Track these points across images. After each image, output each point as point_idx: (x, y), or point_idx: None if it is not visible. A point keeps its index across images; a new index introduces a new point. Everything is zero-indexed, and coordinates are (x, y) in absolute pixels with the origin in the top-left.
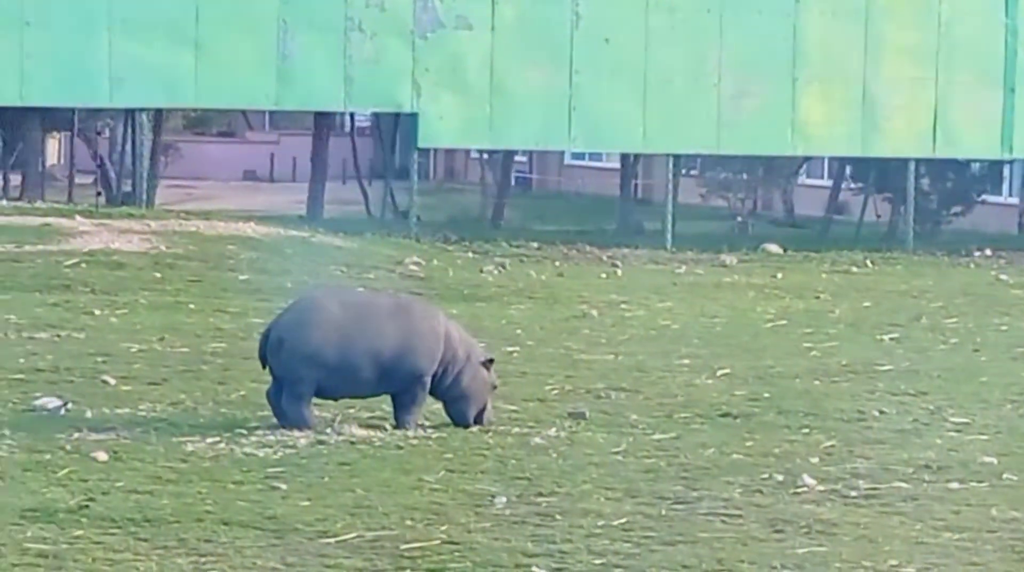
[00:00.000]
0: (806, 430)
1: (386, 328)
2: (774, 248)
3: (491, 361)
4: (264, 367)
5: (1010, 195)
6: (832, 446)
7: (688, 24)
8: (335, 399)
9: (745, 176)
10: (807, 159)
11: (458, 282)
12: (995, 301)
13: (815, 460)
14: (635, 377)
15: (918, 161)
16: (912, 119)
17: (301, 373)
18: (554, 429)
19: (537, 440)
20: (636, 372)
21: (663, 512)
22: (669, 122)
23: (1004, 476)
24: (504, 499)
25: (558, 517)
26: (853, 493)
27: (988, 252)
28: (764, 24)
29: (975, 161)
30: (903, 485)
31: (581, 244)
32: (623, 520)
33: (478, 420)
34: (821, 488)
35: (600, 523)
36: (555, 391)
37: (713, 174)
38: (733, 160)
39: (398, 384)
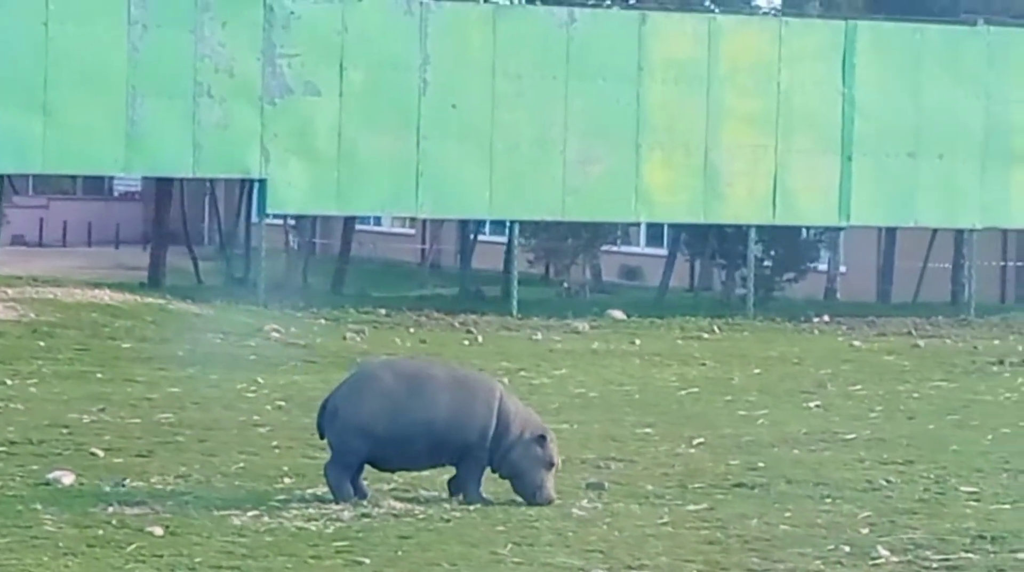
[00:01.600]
0: (829, 500)
1: (439, 400)
2: (618, 314)
3: (543, 437)
4: (322, 438)
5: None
6: (869, 516)
7: (534, 90)
8: (392, 471)
9: (570, 241)
10: (629, 226)
11: (337, 350)
12: (876, 367)
13: (865, 531)
14: (616, 446)
15: (758, 228)
16: (752, 186)
17: (351, 443)
18: (586, 500)
19: (577, 512)
20: (612, 441)
21: None
22: (515, 188)
23: None
24: None
25: None
26: (935, 564)
27: (827, 318)
28: (608, 91)
29: (812, 228)
30: (973, 556)
31: (428, 310)
32: None
33: (535, 497)
34: (895, 559)
35: None
36: None
37: (540, 241)
38: (558, 226)
39: (451, 457)
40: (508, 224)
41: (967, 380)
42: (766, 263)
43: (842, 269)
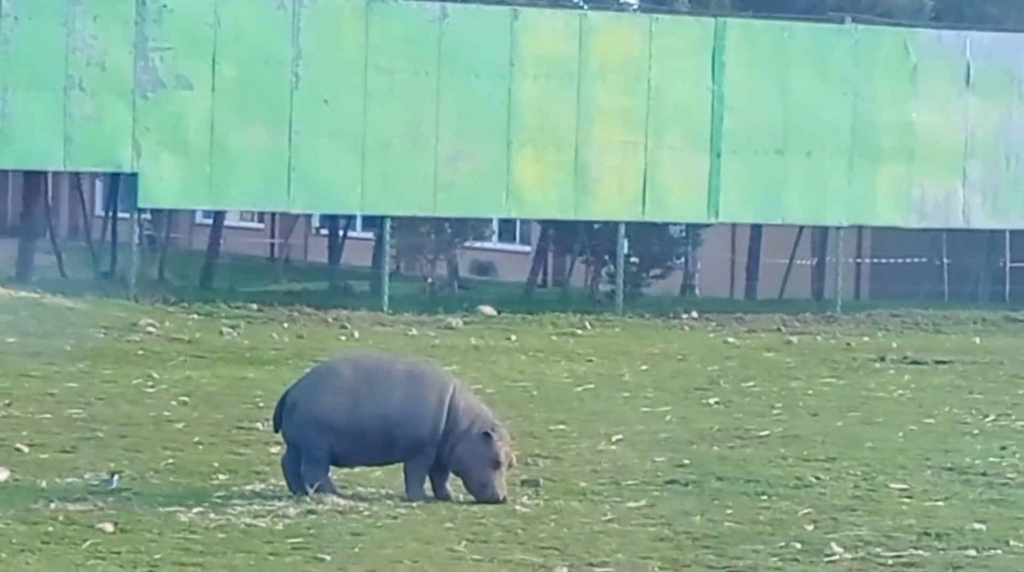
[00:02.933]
0: (765, 496)
1: (393, 394)
2: (489, 310)
3: (487, 435)
4: (276, 431)
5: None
6: (810, 513)
7: (406, 86)
8: (351, 467)
9: (434, 237)
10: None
11: (222, 345)
12: (761, 364)
13: (810, 528)
14: (537, 443)
15: (627, 224)
16: (622, 183)
17: (313, 437)
18: (525, 497)
19: (520, 508)
20: (531, 438)
21: None
22: (387, 183)
23: (1011, 543)
24: (565, 569)
25: None
26: (889, 561)
27: (695, 314)
28: (480, 87)
29: (681, 225)
30: (924, 553)
31: (299, 305)
32: None
33: (484, 495)
34: (849, 556)
35: None
36: None
37: (407, 237)
38: (423, 221)
39: (403, 452)
40: (379, 220)
41: (855, 377)
42: (633, 259)
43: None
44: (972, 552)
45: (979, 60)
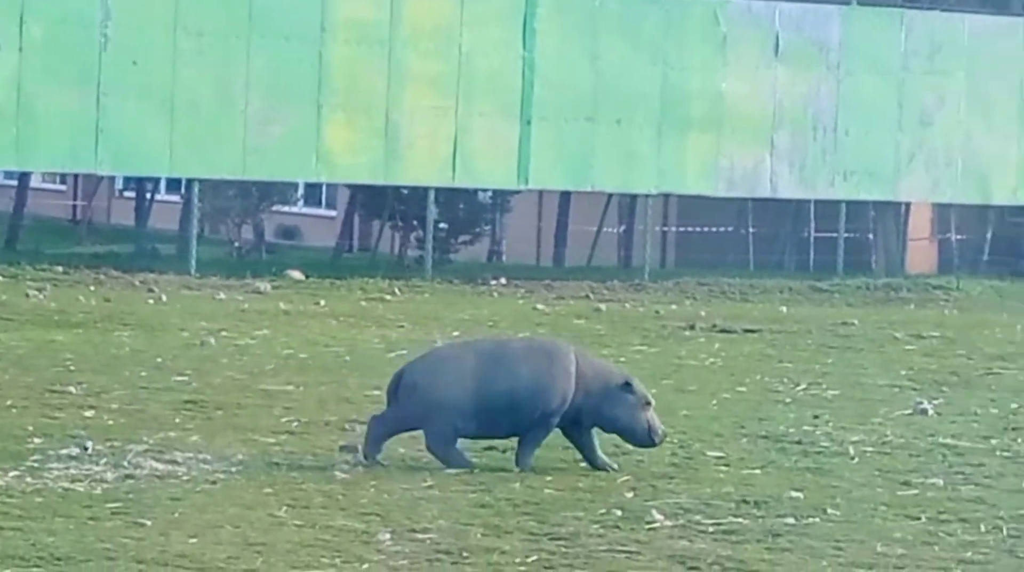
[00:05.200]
0: (584, 464)
1: (519, 372)
2: (297, 274)
3: (628, 384)
4: (388, 404)
5: None
6: (629, 481)
7: (216, 48)
8: (473, 438)
9: (240, 201)
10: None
11: (30, 307)
12: (571, 331)
13: (630, 495)
14: (353, 409)
15: (437, 190)
16: (433, 148)
17: (440, 419)
18: (344, 463)
19: (340, 474)
20: (347, 403)
21: (564, 549)
22: (197, 146)
23: (828, 511)
24: (388, 535)
25: (465, 555)
26: (709, 528)
27: (503, 281)
28: (290, 50)
29: (490, 191)
30: (743, 520)
31: (106, 268)
32: (533, 558)
33: (651, 439)
34: (670, 523)
35: (507, 560)
36: (294, 423)
37: (213, 200)
38: (229, 185)
39: (529, 425)
40: (185, 182)
41: (665, 345)
42: (442, 225)
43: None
44: (791, 520)
45: (788, 31)
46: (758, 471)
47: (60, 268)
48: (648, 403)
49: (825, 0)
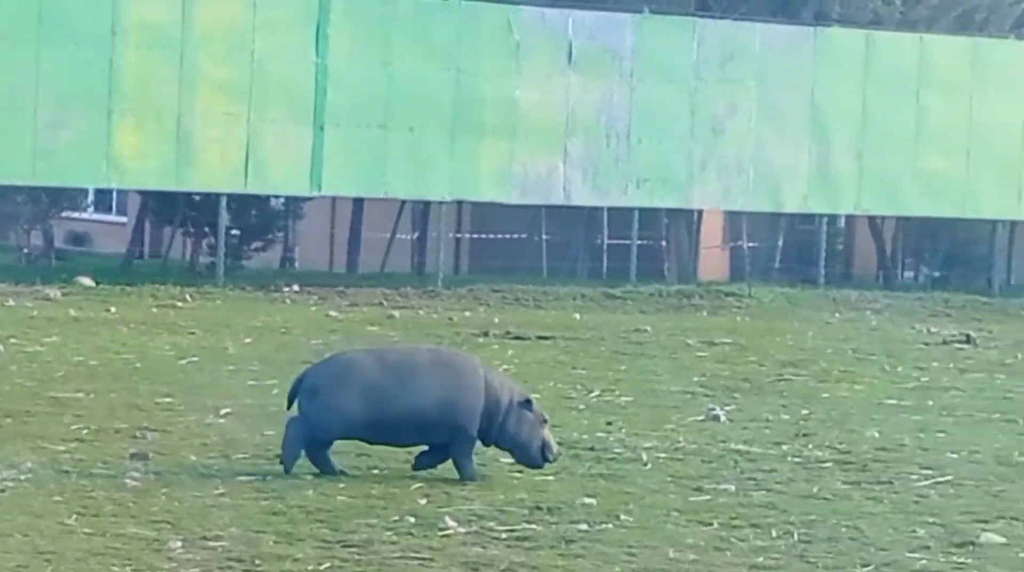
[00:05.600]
0: (377, 471)
1: (424, 384)
2: (87, 281)
3: (529, 401)
4: (288, 408)
5: None
6: (422, 488)
7: (4, 53)
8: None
9: (30, 207)
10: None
11: None
12: (365, 337)
13: (423, 502)
14: (144, 416)
15: (229, 196)
16: (225, 154)
17: (329, 424)
18: (135, 471)
19: (130, 482)
20: (137, 410)
21: (357, 556)
22: None
23: (621, 517)
24: (179, 543)
25: (258, 563)
26: (502, 535)
27: (296, 287)
28: (80, 55)
29: (282, 197)
30: (536, 527)
31: None
32: (326, 565)
33: (545, 458)
34: (463, 530)
35: (300, 568)
36: (84, 430)
37: (1, 206)
38: (18, 190)
39: (442, 437)
40: None
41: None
42: (234, 232)
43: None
44: (584, 526)
45: (581, 38)
46: (551, 477)
47: None
48: (544, 421)
49: (618, 8)
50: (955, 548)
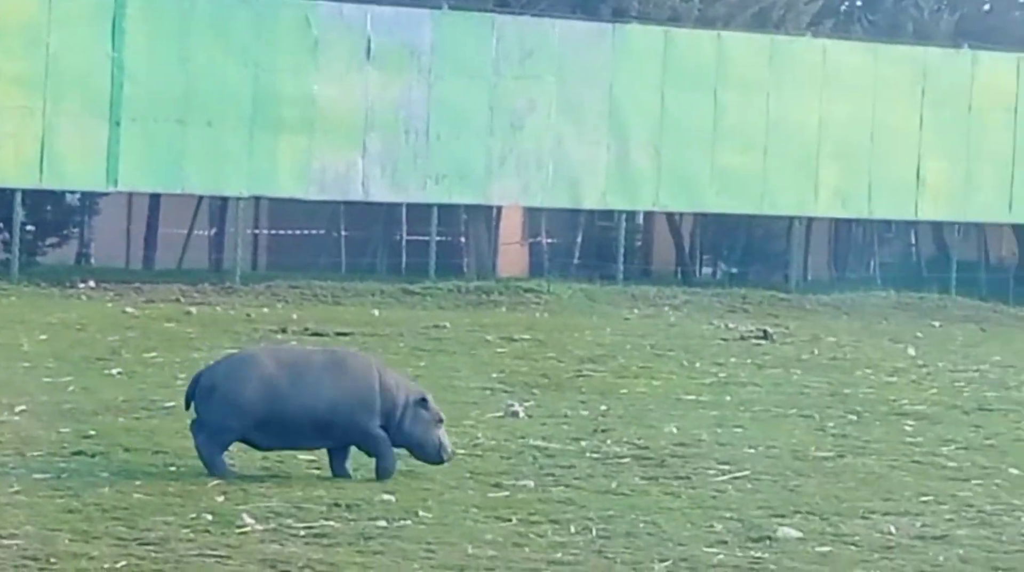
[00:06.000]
0: (174, 468)
1: (321, 384)
2: None
3: (424, 400)
4: (187, 408)
5: None
6: (221, 485)
7: None
8: (266, 449)
9: None
10: None
11: None
12: (162, 334)
13: (221, 499)
14: None
15: (23, 191)
16: (19, 149)
17: (228, 423)
18: None
19: None
20: None
21: (153, 554)
22: None
23: (420, 514)
24: None
25: (53, 561)
26: (301, 532)
27: (92, 283)
28: None
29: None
30: (334, 524)
31: None
32: (122, 563)
33: (443, 454)
34: (261, 527)
35: (96, 566)
36: None
37: None
38: None
39: (338, 439)
40: None
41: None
42: (29, 227)
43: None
44: (382, 523)
45: (380, 34)
46: (353, 475)
47: None
48: (440, 420)
49: (416, 4)
50: (752, 543)
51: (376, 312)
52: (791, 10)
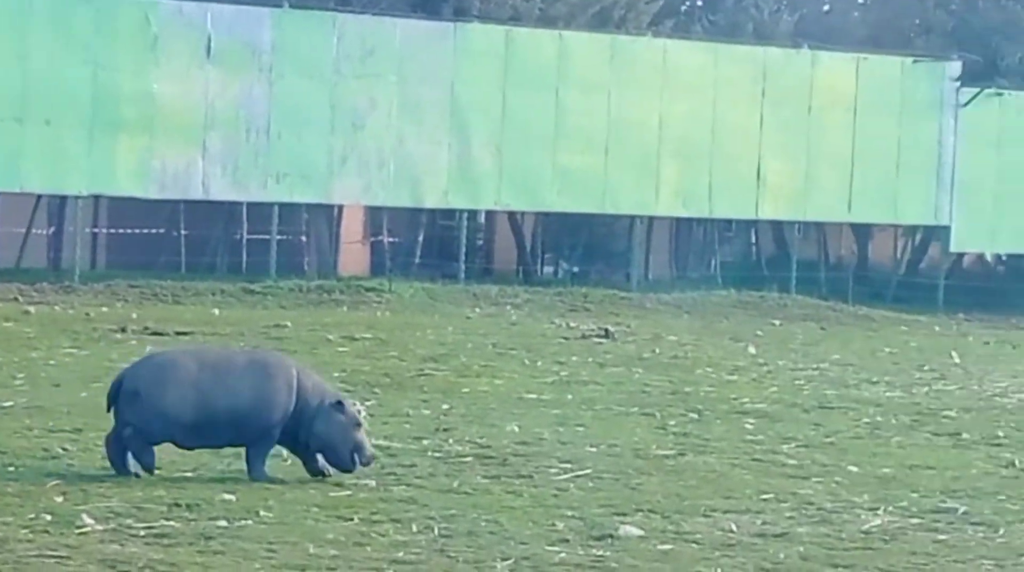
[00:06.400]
0: (12, 468)
1: (240, 384)
2: None
3: (340, 403)
4: (109, 411)
5: None
6: (59, 485)
7: None
8: (189, 449)
9: None
10: None
11: None
12: (8, 335)
13: (60, 499)
14: None
15: None
16: None
17: (154, 427)
18: None
19: None
20: None
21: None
22: None
23: (261, 513)
24: None
25: None
26: (141, 532)
27: None
28: None
29: None
30: (174, 524)
31: None
32: None
33: (359, 461)
34: (100, 527)
35: None
36: None
37: None
38: None
39: (250, 436)
40: None
41: (96, 347)
42: None
43: None
44: (223, 522)
45: (220, 33)
46: (190, 474)
47: None
48: (358, 425)
49: (257, 2)
50: (594, 541)
51: (217, 311)
52: (632, 10)
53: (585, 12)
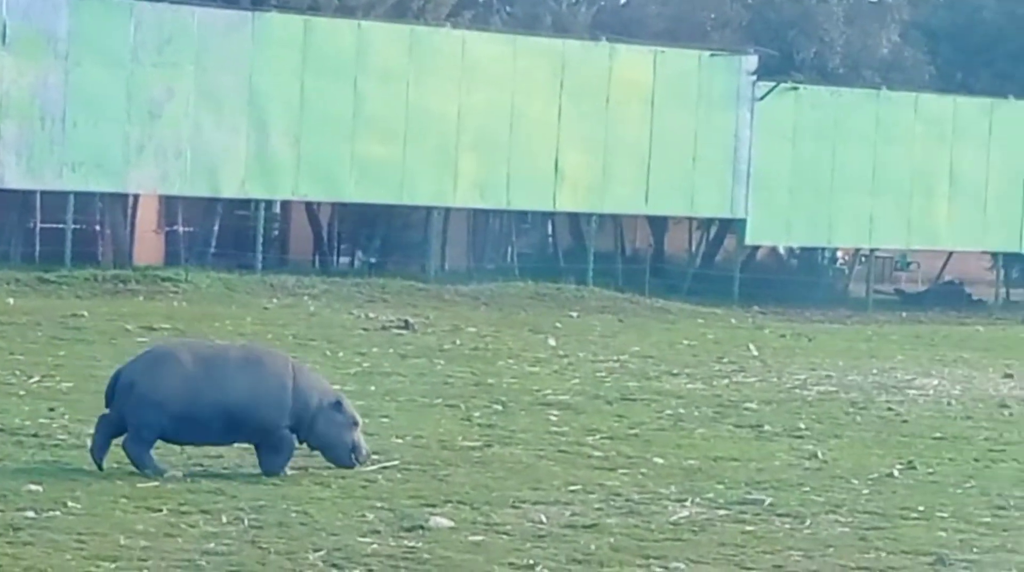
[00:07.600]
0: None
1: (235, 380)
2: None
3: (339, 403)
4: (107, 406)
5: None
6: None
7: None
8: (181, 445)
9: None
10: None
11: None
12: None
13: None
14: None
15: None
16: None
17: (148, 419)
18: None
19: None
20: None
21: None
22: None
23: (69, 504)
24: None
25: None
26: None
27: None
28: None
29: None
30: None
31: None
32: None
33: (357, 457)
34: None
35: None
36: None
37: None
38: None
39: (250, 435)
40: None
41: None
42: None
43: None
44: (31, 513)
45: (15, 19)
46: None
47: None
48: (356, 424)
49: None
50: (405, 532)
51: (11, 301)
52: (431, 1)
53: (384, 2)
